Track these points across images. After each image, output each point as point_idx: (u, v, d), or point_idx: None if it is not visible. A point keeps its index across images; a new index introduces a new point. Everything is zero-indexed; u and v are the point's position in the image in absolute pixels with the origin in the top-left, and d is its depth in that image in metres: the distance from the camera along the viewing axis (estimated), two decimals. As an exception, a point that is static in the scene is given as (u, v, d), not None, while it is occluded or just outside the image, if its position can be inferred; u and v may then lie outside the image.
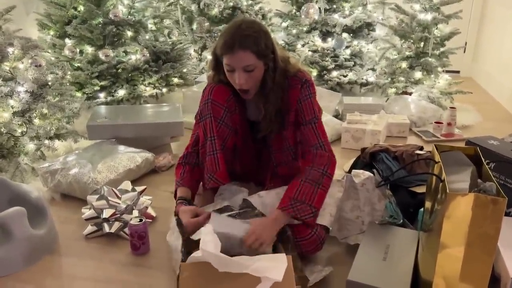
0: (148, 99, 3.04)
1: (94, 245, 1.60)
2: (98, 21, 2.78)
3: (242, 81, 1.38)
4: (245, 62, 1.35)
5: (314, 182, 1.38)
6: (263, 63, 1.39)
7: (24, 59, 2.12)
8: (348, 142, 2.49)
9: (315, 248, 1.42)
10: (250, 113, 1.59)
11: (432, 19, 3.03)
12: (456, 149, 1.27)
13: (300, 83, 1.45)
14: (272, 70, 1.42)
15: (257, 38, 1.35)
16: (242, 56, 1.34)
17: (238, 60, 1.35)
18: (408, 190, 1.64)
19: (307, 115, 1.46)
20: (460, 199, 0.98)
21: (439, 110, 2.97)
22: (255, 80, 1.41)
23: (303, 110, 1.45)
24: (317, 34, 3.43)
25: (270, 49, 1.40)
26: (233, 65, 1.36)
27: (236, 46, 1.32)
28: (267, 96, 1.45)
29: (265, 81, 1.43)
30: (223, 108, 1.47)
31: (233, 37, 1.33)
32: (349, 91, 3.52)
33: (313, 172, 1.40)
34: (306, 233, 1.40)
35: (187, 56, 3.32)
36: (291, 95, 1.46)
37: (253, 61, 1.35)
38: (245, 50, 1.33)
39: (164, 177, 2.16)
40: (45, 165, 1.98)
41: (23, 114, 2.08)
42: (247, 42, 1.33)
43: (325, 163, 1.42)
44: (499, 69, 3.66)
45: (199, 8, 3.57)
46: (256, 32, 1.36)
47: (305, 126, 1.46)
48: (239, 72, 1.37)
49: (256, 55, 1.35)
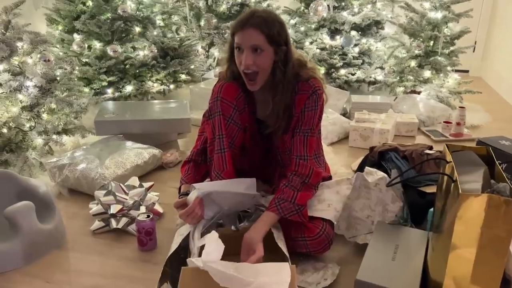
0: (155, 95, 3.04)
1: (101, 240, 1.61)
2: (106, 16, 2.77)
3: (249, 61, 1.34)
4: (254, 41, 1.33)
5: (294, 188, 1.39)
6: (273, 50, 1.37)
7: (33, 54, 2.13)
8: (356, 140, 2.48)
9: (323, 247, 1.41)
10: (259, 111, 1.58)
11: (442, 17, 3.00)
12: (468, 149, 1.25)
13: (309, 92, 1.42)
14: (283, 63, 1.39)
15: (270, 22, 1.35)
16: (252, 34, 1.33)
17: (247, 38, 1.33)
18: (417, 190, 1.62)
19: (304, 124, 1.44)
20: (472, 200, 0.96)
21: (448, 109, 2.95)
22: (263, 66, 1.37)
23: (303, 119, 1.43)
24: (326, 32, 3.41)
25: (283, 38, 1.38)
26: (242, 43, 1.35)
27: (248, 23, 1.33)
28: (276, 89, 1.42)
29: (275, 72, 1.39)
30: (232, 106, 1.46)
31: (247, 16, 1.35)
32: (357, 89, 3.50)
33: (294, 179, 1.41)
34: (314, 232, 1.39)
35: (195, 53, 3.31)
36: (298, 101, 1.43)
37: (262, 42, 1.34)
38: (255, 28, 1.33)
39: (171, 173, 2.16)
40: (53, 160, 1.98)
41: (32, 109, 2.08)
42: (259, 22, 1.33)
43: (307, 173, 1.42)
44: (509, 69, 3.62)
45: (207, 5, 3.56)
46: (270, 17, 1.36)
47: (298, 135, 1.44)
48: (247, 52, 1.34)
49: (267, 37, 1.34)
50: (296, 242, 1.41)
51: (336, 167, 2.02)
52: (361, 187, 1.50)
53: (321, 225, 1.41)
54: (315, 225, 1.41)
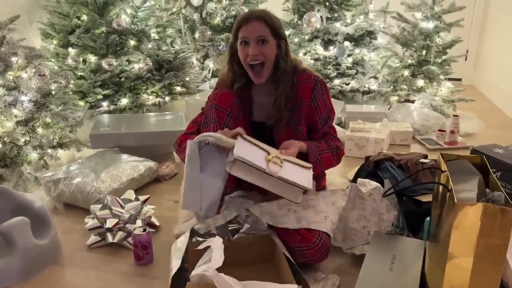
0: (150, 107, 3.04)
1: (97, 255, 1.59)
2: (101, 30, 2.79)
3: (256, 51, 1.45)
4: (259, 32, 1.44)
5: (328, 146, 1.55)
6: (276, 43, 1.48)
7: (27, 69, 2.13)
8: (352, 150, 2.49)
9: (321, 256, 1.42)
10: (257, 113, 1.60)
11: (433, 27, 3.04)
12: (462, 158, 1.26)
13: (312, 81, 1.54)
14: (285, 54, 1.50)
15: (272, 17, 1.49)
16: (257, 26, 1.45)
17: (253, 30, 1.45)
18: (413, 199, 1.63)
19: (322, 112, 1.56)
20: (468, 209, 0.97)
21: (442, 118, 2.97)
22: (268, 56, 1.47)
23: (318, 108, 1.55)
24: (319, 43, 3.44)
25: (283, 33, 1.51)
26: (247, 35, 1.45)
27: (253, 17, 1.46)
28: (278, 80, 1.51)
29: (278, 63, 1.50)
30: (227, 113, 1.51)
31: (250, 12, 1.50)
32: (351, 99, 3.52)
33: (330, 143, 1.56)
34: (311, 241, 1.40)
35: (190, 65, 3.33)
36: (302, 90, 1.54)
37: (267, 33, 1.45)
38: (260, 21, 1.45)
39: (167, 186, 2.15)
40: (48, 174, 1.97)
41: (27, 123, 2.08)
42: (262, 15, 1.47)
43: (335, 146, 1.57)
44: (501, 77, 3.66)
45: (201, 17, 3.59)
46: (272, 15, 1.51)
47: (320, 123, 1.57)
48: (253, 44, 1.45)
49: (271, 30, 1.46)
50: (293, 252, 1.41)
51: (332, 177, 2.02)
52: (356, 198, 1.51)
53: (317, 234, 1.41)
54: (312, 234, 1.41)
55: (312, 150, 1.49)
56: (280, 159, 1.32)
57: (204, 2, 3.51)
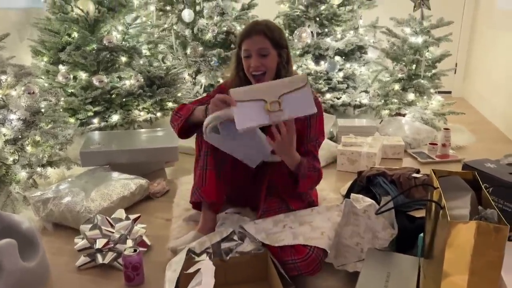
0: (142, 123, 3.02)
1: (87, 277, 1.56)
2: (92, 47, 2.78)
3: (257, 63, 1.54)
4: (260, 45, 1.53)
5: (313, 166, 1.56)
6: (277, 53, 1.57)
7: (17, 87, 2.11)
8: (344, 164, 2.49)
9: (314, 268, 1.40)
10: None
11: (423, 42, 3.08)
12: (454, 174, 1.26)
13: None
14: (286, 62, 1.60)
15: (272, 29, 1.57)
16: (258, 40, 1.53)
17: (254, 43, 1.53)
18: (406, 215, 1.62)
19: (312, 131, 1.61)
20: (462, 227, 0.96)
21: (433, 131, 2.99)
22: (269, 67, 1.56)
23: (310, 126, 1.61)
24: (310, 58, 3.47)
25: (284, 42, 1.59)
26: (249, 48, 1.54)
27: (254, 31, 1.55)
28: None
29: (279, 71, 1.59)
30: None
31: (252, 25, 1.59)
32: (343, 113, 3.53)
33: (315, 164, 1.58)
34: (304, 253, 1.39)
35: (181, 80, 3.32)
36: None
37: (267, 45, 1.54)
38: (261, 35, 1.54)
39: (158, 203, 2.12)
40: (37, 194, 1.94)
41: (15, 142, 2.05)
42: (263, 29, 1.55)
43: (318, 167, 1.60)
44: (490, 89, 3.71)
45: (193, 33, 3.59)
46: (271, 24, 1.60)
47: (308, 141, 1.61)
48: (255, 56, 1.54)
49: (271, 42, 1.54)
50: (287, 265, 1.40)
51: (325, 193, 2.01)
52: (350, 214, 1.49)
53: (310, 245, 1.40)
54: (305, 246, 1.40)
55: (303, 163, 1.51)
56: (278, 102, 1.36)
57: (195, 18, 3.52)
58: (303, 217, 1.50)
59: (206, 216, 1.64)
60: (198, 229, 1.63)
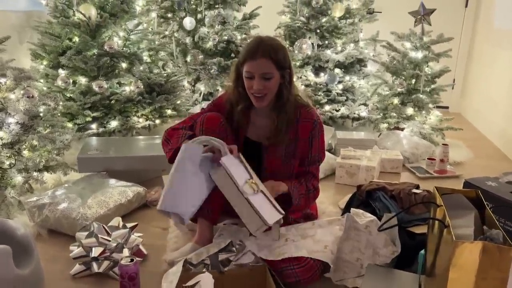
0: (140, 130, 3.00)
1: (82, 285, 1.53)
2: (92, 52, 2.77)
3: (260, 86, 1.50)
4: (265, 69, 1.49)
5: (306, 189, 1.61)
6: (280, 74, 1.53)
7: (16, 90, 2.09)
8: (342, 177, 2.48)
9: (312, 276, 1.40)
10: (252, 131, 1.65)
11: (422, 57, 3.09)
12: (457, 192, 1.26)
13: (312, 122, 1.60)
14: (288, 83, 1.56)
15: (277, 49, 1.51)
16: (263, 63, 1.48)
17: (259, 67, 1.48)
18: (406, 231, 1.61)
19: (313, 151, 1.63)
20: (466, 247, 0.96)
21: (432, 146, 2.99)
22: (271, 90, 1.53)
23: (312, 146, 1.61)
24: (310, 69, 3.48)
25: (287, 62, 1.56)
26: (253, 71, 1.49)
27: (259, 53, 1.48)
28: (282, 106, 1.56)
29: (281, 92, 1.56)
30: (215, 134, 1.53)
31: (257, 46, 1.50)
32: (341, 125, 3.54)
33: (308, 183, 1.62)
34: (302, 259, 1.39)
35: (181, 88, 3.32)
36: (302, 128, 1.60)
37: (272, 70, 1.49)
38: (266, 57, 1.48)
39: (155, 212, 2.08)
40: (32, 199, 1.91)
41: (12, 146, 2.02)
42: (268, 51, 1.49)
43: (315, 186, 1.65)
44: (487, 106, 3.74)
45: (193, 41, 3.60)
46: (276, 44, 1.54)
47: (309, 161, 1.63)
48: (258, 79, 1.49)
49: (275, 64, 1.50)
50: (285, 271, 1.39)
51: (324, 206, 2.00)
52: (351, 229, 1.48)
53: None
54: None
55: (294, 193, 1.55)
56: (258, 188, 1.38)
57: (196, 26, 3.53)
58: (304, 230, 1.49)
59: (203, 228, 1.62)
60: (195, 240, 1.60)
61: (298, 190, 1.57)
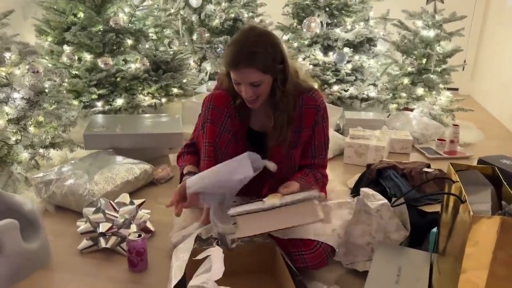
0: (146, 109, 2.97)
1: (89, 260, 1.52)
2: (98, 28, 2.72)
3: (250, 94, 1.38)
4: (251, 79, 1.35)
5: (315, 178, 1.52)
6: (270, 76, 1.39)
7: (21, 65, 2.06)
8: (351, 157, 2.45)
9: (321, 262, 1.38)
10: (255, 122, 1.57)
11: (434, 36, 3.02)
12: (473, 168, 1.22)
13: (316, 107, 1.49)
14: (281, 81, 1.42)
15: (263, 54, 1.33)
16: (247, 73, 1.34)
17: (244, 77, 1.35)
18: (417, 209, 1.59)
19: (317, 139, 1.52)
20: (484, 222, 0.93)
21: (441, 127, 2.95)
22: (263, 92, 1.41)
23: (315, 133, 1.51)
24: (319, 48, 3.41)
25: (278, 61, 1.39)
26: (239, 80, 1.37)
27: (242, 64, 1.32)
28: (276, 105, 1.45)
29: (274, 91, 1.43)
30: (224, 113, 1.48)
31: (239, 54, 1.32)
32: (349, 105, 3.49)
33: (315, 173, 1.54)
34: (311, 246, 1.36)
35: (187, 67, 3.27)
36: (305, 115, 1.48)
37: (258, 78, 1.35)
38: (250, 68, 1.33)
39: (162, 189, 2.09)
40: (39, 175, 1.90)
41: (18, 122, 2.00)
42: (252, 59, 1.32)
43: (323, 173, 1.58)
44: (498, 88, 3.66)
45: (199, 19, 3.54)
46: (263, 47, 1.34)
47: (313, 147, 1.54)
48: (246, 87, 1.37)
49: (262, 71, 1.34)
50: (293, 257, 1.37)
51: (333, 185, 1.97)
52: (361, 212, 1.44)
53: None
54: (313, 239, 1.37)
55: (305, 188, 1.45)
56: (279, 195, 1.31)
57: (203, 3, 3.46)
58: None
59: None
60: (202, 221, 1.58)
61: (308, 182, 1.47)
